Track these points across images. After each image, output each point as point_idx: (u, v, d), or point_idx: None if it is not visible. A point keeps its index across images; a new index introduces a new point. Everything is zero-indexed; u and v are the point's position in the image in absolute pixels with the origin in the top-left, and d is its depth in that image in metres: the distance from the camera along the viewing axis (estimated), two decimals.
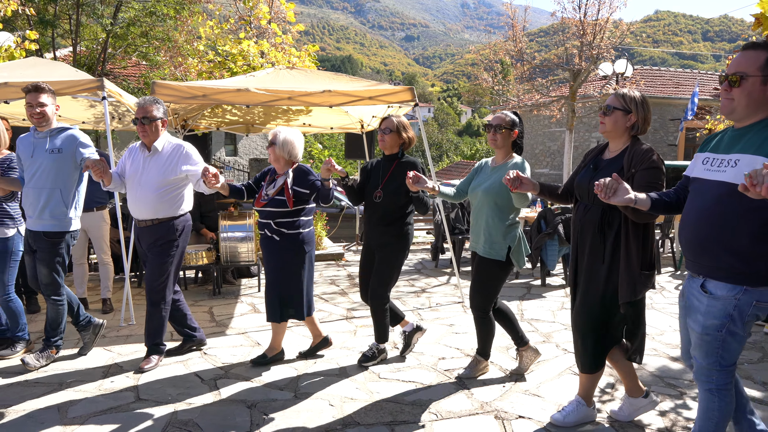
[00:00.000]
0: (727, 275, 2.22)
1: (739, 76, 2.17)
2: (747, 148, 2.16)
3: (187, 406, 3.37)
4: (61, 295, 4.00)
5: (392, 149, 3.94)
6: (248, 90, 5.28)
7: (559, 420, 3.12)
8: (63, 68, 5.71)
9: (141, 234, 3.98)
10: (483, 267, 3.57)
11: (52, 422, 3.15)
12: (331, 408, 3.35)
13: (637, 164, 2.72)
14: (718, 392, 2.34)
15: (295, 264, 3.96)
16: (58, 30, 13.58)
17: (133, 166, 3.94)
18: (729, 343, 2.27)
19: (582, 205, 2.95)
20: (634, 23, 14.22)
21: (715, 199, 2.22)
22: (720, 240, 2.21)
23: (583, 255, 2.92)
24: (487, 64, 15.42)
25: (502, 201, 3.47)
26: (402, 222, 3.90)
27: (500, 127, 3.54)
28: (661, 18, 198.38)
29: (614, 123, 2.83)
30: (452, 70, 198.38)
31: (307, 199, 3.97)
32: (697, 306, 2.33)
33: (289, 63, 9.12)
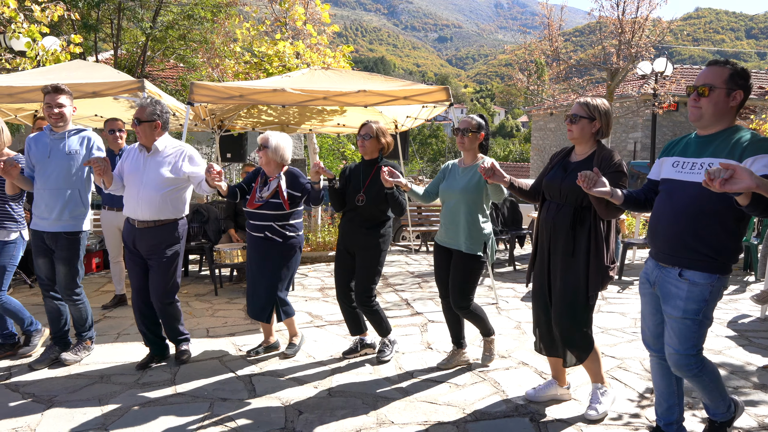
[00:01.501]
0: (704, 266, 2.48)
1: (707, 87, 2.45)
2: (718, 153, 2.45)
3: (223, 401, 3.42)
4: (79, 294, 4.02)
5: (372, 154, 4.04)
6: (284, 90, 5.34)
7: (594, 415, 3.18)
8: (105, 70, 5.88)
9: (140, 236, 3.83)
10: (465, 263, 3.74)
11: (93, 414, 3.24)
12: (364, 406, 3.35)
13: (607, 167, 2.97)
14: (702, 372, 2.58)
15: (293, 266, 4.14)
16: (100, 34, 13.97)
17: (133, 166, 3.87)
18: (703, 326, 2.55)
19: (553, 204, 3.17)
20: (674, 21, 13.87)
21: (691, 198, 2.47)
22: (697, 235, 2.47)
23: (556, 252, 3.13)
24: (521, 65, 15.25)
25: (478, 199, 3.73)
26: (384, 225, 4.04)
27: (467, 131, 3.76)
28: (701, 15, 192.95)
29: (581, 130, 3.09)
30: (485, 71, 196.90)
31: (299, 202, 4.07)
32: (676, 292, 2.55)
33: (324, 64, 9.18)
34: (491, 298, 5.99)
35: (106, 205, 5.55)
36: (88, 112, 6.99)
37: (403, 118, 8.08)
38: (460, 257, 3.75)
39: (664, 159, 2.71)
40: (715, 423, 2.79)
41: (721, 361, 4.13)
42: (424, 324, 5.10)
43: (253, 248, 4.10)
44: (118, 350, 4.33)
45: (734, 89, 2.46)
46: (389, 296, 6.19)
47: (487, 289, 6.46)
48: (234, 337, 4.69)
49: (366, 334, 4.29)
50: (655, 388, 2.87)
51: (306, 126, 8.86)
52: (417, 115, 7.50)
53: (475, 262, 3.75)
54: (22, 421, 3.15)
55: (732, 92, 2.46)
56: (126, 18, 13.31)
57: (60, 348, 4.10)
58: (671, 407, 2.82)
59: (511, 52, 17.50)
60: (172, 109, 6.10)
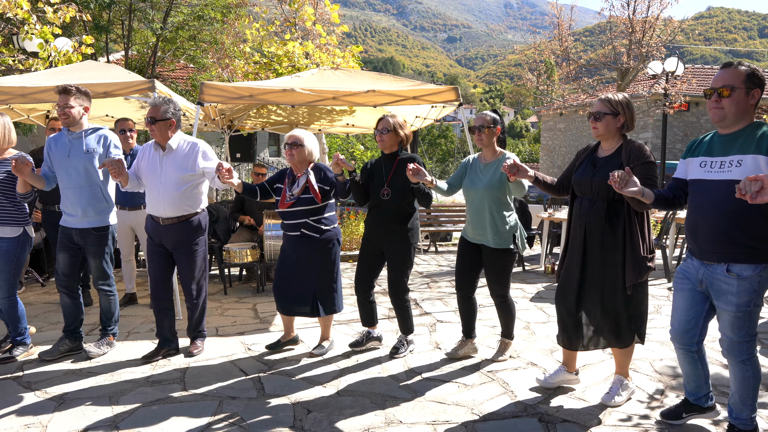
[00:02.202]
0: (749, 257, 2.58)
1: (728, 88, 2.57)
2: (745, 150, 2.56)
3: (232, 400, 3.43)
4: (111, 285, 4.17)
5: (392, 148, 4.04)
6: (293, 90, 5.35)
7: (611, 402, 3.31)
8: (116, 70, 5.92)
9: (165, 232, 3.98)
10: (496, 258, 3.83)
11: (103, 410, 3.26)
12: (373, 406, 3.35)
13: (635, 159, 3.05)
14: (750, 361, 2.70)
15: (334, 259, 4.12)
16: (111, 35, 14.07)
17: (150, 165, 3.99)
18: (755, 315, 2.67)
19: (585, 200, 3.23)
20: (686, 20, 13.77)
21: (726, 195, 2.55)
22: (741, 229, 2.57)
23: (593, 247, 3.19)
24: (531, 65, 15.20)
25: (502, 195, 3.77)
26: (412, 217, 4.05)
27: (483, 127, 3.78)
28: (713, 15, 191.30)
29: (606, 126, 3.17)
30: (495, 72, 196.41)
31: (329, 195, 4.08)
32: (727, 288, 2.65)
33: (333, 64, 9.20)
34: None
35: (118, 204, 5.57)
36: (100, 112, 7.05)
37: (412, 118, 8.08)
38: (490, 252, 3.84)
39: (690, 159, 2.82)
40: (735, 428, 2.83)
41: None
42: (432, 324, 5.09)
43: (291, 247, 4.12)
44: (128, 348, 4.36)
45: (752, 88, 2.59)
46: None
47: None
48: (243, 336, 4.71)
49: (375, 328, 4.35)
50: (683, 371, 3.04)
51: (315, 126, 8.88)
52: (426, 115, 7.49)
53: (505, 254, 3.83)
54: (33, 418, 3.18)
55: (751, 91, 2.59)
56: (137, 19, 13.39)
57: (70, 341, 4.17)
58: (699, 385, 2.99)
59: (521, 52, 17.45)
60: (183, 109, 6.13)
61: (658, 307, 5.69)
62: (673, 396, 3.48)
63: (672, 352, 4.30)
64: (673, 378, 3.78)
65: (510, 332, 4.12)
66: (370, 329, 4.35)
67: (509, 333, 4.12)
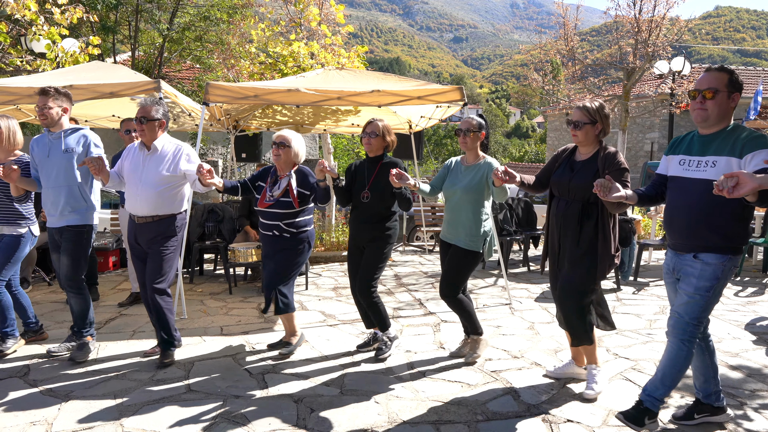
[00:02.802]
0: (716, 249, 2.76)
1: (712, 90, 2.72)
2: (720, 151, 2.72)
3: (236, 398, 3.45)
4: (80, 288, 4.10)
5: (377, 151, 4.10)
6: (298, 90, 5.36)
7: (592, 395, 3.43)
8: (122, 71, 5.95)
9: (140, 230, 4.00)
10: (462, 257, 3.90)
11: (109, 409, 3.28)
12: (376, 405, 3.36)
13: (609, 166, 3.25)
14: (688, 342, 2.85)
15: (302, 260, 4.17)
16: (118, 36, 14.15)
17: (133, 164, 4.02)
18: (710, 303, 2.82)
19: (562, 200, 3.42)
20: (693, 20, 13.70)
21: (700, 193, 2.74)
22: (710, 225, 2.75)
23: (566, 243, 3.39)
24: (537, 65, 15.16)
25: (480, 198, 3.88)
26: (389, 220, 4.09)
27: (469, 131, 3.91)
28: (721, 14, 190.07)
29: (585, 134, 3.33)
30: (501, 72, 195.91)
31: (308, 200, 4.12)
32: (691, 272, 2.82)
33: (338, 64, 9.21)
34: (505, 299, 5.97)
35: (123, 203, 5.61)
36: (106, 112, 7.08)
37: (417, 118, 8.08)
38: (458, 251, 3.91)
39: (671, 156, 2.98)
40: (642, 404, 2.94)
41: (738, 364, 4.07)
42: (437, 324, 5.09)
43: (265, 245, 4.21)
44: (133, 347, 4.38)
45: (734, 91, 2.75)
46: (402, 296, 6.19)
47: (500, 290, 6.43)
48: (248, 335, 4.73)
49: None
50: (692, 366, 3.05)
51: (320, 126, 8.89)
52: (431, 115, 7.49)
53: (470, 257, 3.90)
54: (39, 414, 3.20)
55: (732, 94, 2.74)
56: (143, 20, 13.46)
57: (76, 338, 4.22)
58: (707, 380, 3.04)
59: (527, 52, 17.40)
60: (188, 109, 6.16)
61: (664, 308, 5.67)
62: (678, 396, 3.47)
63: None
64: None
65: (475, 327, 4.11)
66: (375, 330, 4.36)
67: (475, 329, 4.11)
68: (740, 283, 7.00)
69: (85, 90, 5.01)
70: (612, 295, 6.27)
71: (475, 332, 4.13)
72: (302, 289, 6.46)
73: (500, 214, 7.88)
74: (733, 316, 5.39)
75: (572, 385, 3.67)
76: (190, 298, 5.90)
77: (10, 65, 7.95)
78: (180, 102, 5.72)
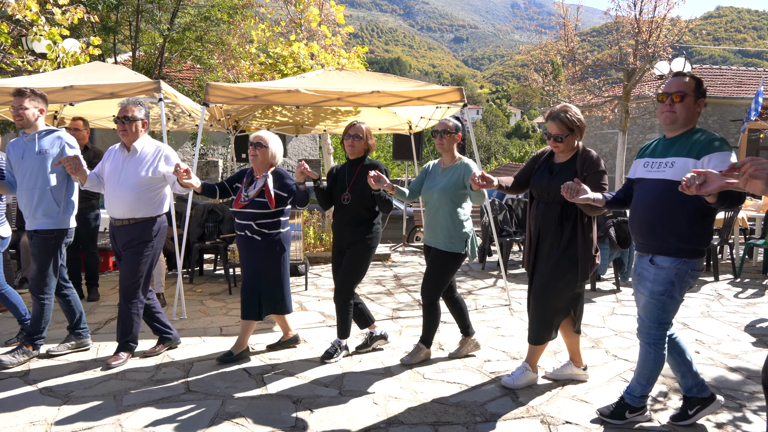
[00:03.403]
0: (670, 251, 2.86)
1: (681, 94, 2.85)
2: (680, 152, 2.84)
3: (235, 398, 3.45)
4: (43, 295, 3.99)
5: (359, 154, 4.12)
6: (298, 91, 5.37)
7: (509, 383, 3.62)
8: (123, 71, 5.96)
9: (117, 233, 3.99)
10: (441, 260, 3.93)
11: (108, 409, 3.29)
12: (375, 406, 3.36)
13: (588, 168, 3.33)
14: (654, 345, 2.98)
15: (276, 263, 4.10)
16: (119, 36, 14.14)
17: (112, 165, 4.00)
18: (668, 304, 2.92)
19: (542, 202, 3.49)
20: (693, 20, 13.69)
21: (658, 193, 2.87)
22: (664, 224, 2.85)
23: (544, 245, 3.45)
24: (537, 65, 15.15)
25: (457, 199, 3.90)
26: (370, 222, 4.08)
27: (445, 132, 3.95)
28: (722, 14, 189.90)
29: (567, 144, 3.41)
30: (501, 72, 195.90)
31: (285, 201, 4.08)
32: (647, 275, 2.95)
33: (338, 64, 9.21)
34: (504, 300, 5.97)
35: None
36: (106, 113, 7.09)
37: (417, 119, 8.08)
38: (437, 253, 3.94)
39: (638, 160, 3.11)
40: (622, 401, 3.14)
41: (738, 366, 4.07)
42: None
43: (239, 246, 4.17)
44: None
45: (699, 96, 2.89)
46: (402, 296, 6.20)
47: (500, 291, 6.44)
48: None
49: (374, 327, 4.38)
50: (669, 365, 3.16)
51: (320, 127, 8.90)
52: (431, 116, 7.49)
53: (450, 259, 3.92)
54: (39, 415, 3.21)
55: (698, 99, 2.89)
56: (144, 20, 13.45)
57: (74, 337, 4.25)
58: (684, 375, 3.12)
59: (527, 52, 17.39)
60: (188, 110, 6.17)
61: None
62: (677, 399, 3.47)
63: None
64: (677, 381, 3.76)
65: (429, 340, 4.12)
66: (370, 329, 4.37)
67: (428, 340, 4.12)
68: (740, 284, 7.00)
69: (86, 90, 5.02)
70: (611, 296, 6.27)
71: (425, 342, 4.13)
72: (302, 290, 6.47)
73: (500, 215, 7.88)
74: (732, 317, 5.39)
75: (571, 386, 3.67)
76: (189, 298, 5.91)
77: (11, 65, 7.95)
78: (180, 102, 5.73)
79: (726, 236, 7.66)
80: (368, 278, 7.12)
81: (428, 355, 4.15)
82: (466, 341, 4.25)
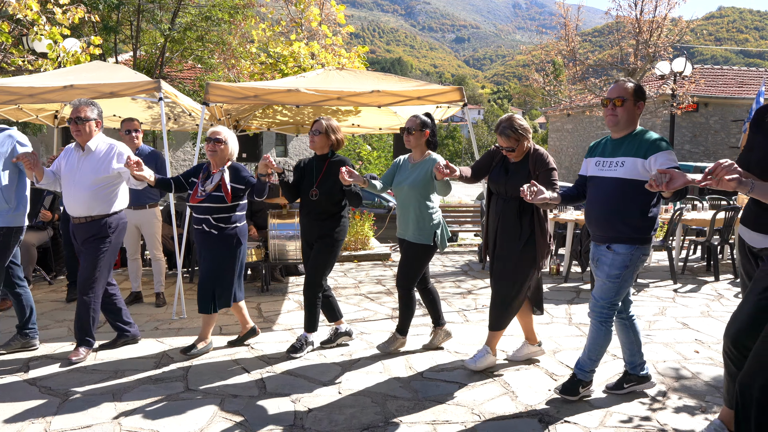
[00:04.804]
0: (625, 240, 3.17)
1: (621, 99, 3.14)
2: (628, 153, 3.15)
3: (233, 398, 3.46)
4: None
5: (323, 150, 4.20)
6: (298, 90, 5.37)
7: (471, 364, 3.87)
8: (123, 71, 5.96)
9: (76, 230, 4.07)
10: (413, 251, 4.09)
11: (107, 407, 3.29)
12: (373, 405, 3.36)
13: (539, 167, 3.66)
14: (605, 323, 3.31)
15: (232, 257, 4.13)
16: (120, 36, 14.18)
17: (68, 165, 4.07)
18: (622, 288, 3.24)
19: (500, 198, 3.79)
20: (695, 20, 13.69)
21: (613, 190, 3.18)
22: (619, 217, 3.16)
23: (504, 235, 3.74)
24: (538, 65, 15.15)
25: (426, 193, 4.04)
26: (338, 216, 4.20)
27: (412, 129, 4.05)
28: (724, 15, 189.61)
29: (518, 152, 3.74)
30: (503, 72, 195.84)
31: (242, 195, 4.12)
32: (605, 260, 3.25)
33: (338, 64, 9.22)
34: None
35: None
36: (107, 112, 7.09)
37: None
38: (408, 245, 4.10)
39: (589, 159, 3.40)
40: (574, 377, 3.42)
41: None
42: None
43: (197, 242, 4.19)
44: (132, 347, 4.39)
45: (638, 100, 3.18)
46: None
47: None
48: None
49: (341, 322, 4.46)
50: (620, 342, 3.55)
51: None
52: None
53: (421, 250, 4.07)
54: (38, 413, 3.21)
55: (637, 102, 3.18)
56: (145, 20, 13.48)
57: (20, 337, 4.23)
58: (633, 353, 3.49)
59: (528, 52, 17.38)
60: (188, 109, 6.17)
61: (663, 309, 5.67)
62: (675, 398, 3.47)
63: (676, 354, 4.30)
64: (676, 380, 3.77)
65: (405, 329, 4.27)
66: (337, 325, 4.46)
67: (404, 329, 4.27)
68: (740, 284, 6.97)
69: (86, 90, 5.02)
70: None
71: (402, 332, 4.27)
72: (301, 289, 6.46)
73: None
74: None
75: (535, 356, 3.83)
76: (189, 297, 5.91)
77: (12, 65, 7.98)
78: (180, 102, 5.74)
79: (726, 236, 7.65)
80: (368, 278, 7.13)
81: (403, 344, 4.30)
82: (438, 331, 4.36)
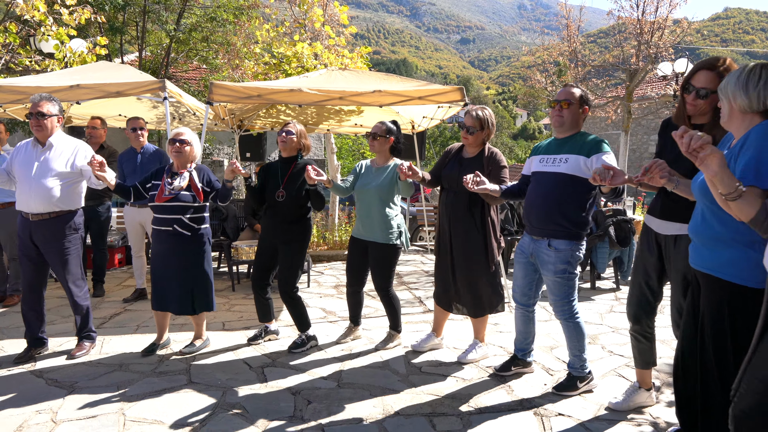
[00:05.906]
0: (565, 235, 3.33)
1: (568, 101, 3.35)
2: (572, 151, 3.33)
3: (235, 390, 3.53)
4: None
5: (291, 152, 4.28)
6: (301, 90, 5.44)
7: (463, 357, 4.05)
8: (129, 71, 6.05)
9: (35, 228, 3.93)
10: (383, 253, 4.22)
11: (111, 399, 3.38)
12: (372, 398, 3.43)
13: (492, 163, 3.88)
14: (572, 319, 3.46)
15: (204, 258, 4.12)
16: (125, 36, 14.29)
17: (25, 161, 3.96)
18: (571, 280, 3.40)
19: (452, 192, 3.95)
20: (698, 21, 13.70)
21: (555, 184, 3.34)
22: (559, 212, 3.32)
23: (457, 229, 3.92)
24: (541, 66, 15.18)
25: (390, 196, 4.20)
26: (304, 219, 4.27)
27: (377, 135, 4.20)
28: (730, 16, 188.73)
29: (476, 139, 3.92)
30: (508, 73, 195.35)
31: (208, 197, 4.08)
32: (548, 259, 3.39)
33: (341, 65, 9.29)
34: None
35: (129, 202, 5.71)
36: (113, 111, 7.20)
37: (420, 119, 8.14)
38: (377, 247, 4.21)
39: (533, 158, 3.58)
40: (570, 375, 3.54)
41: None
42: None
43: (158, 242, 4.05)
44: (136, 341, 4.48)
45: (583, 105, 3.39)
46: (403, 294, 6.26)
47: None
48: (249, 330, 4.81)
49: (272, 323, 4.57)
50: (517, 330, 3.79)
51: (324, 126, 8.97)
52: (433, 116, 7.55)
53: (390, 250, 4.22)
54: (44, 404, 3.30)
55: (582, 106, 3.39)
56: (151, 21, 13.59)
57: None
58: (527, 342, 3.78)
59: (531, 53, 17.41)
60: (192, 109, 6.26)
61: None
62: (669, 392, 3.52)
63: (672, 350, 4.34)
64: (671, 375, 3.81)
65: (397, 325, 4.43)
66: (267, 324, 4.54)
67: (396, 326, 4.43)
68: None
69: (92, 89, 5.11)
70: (611, 294, 6.32)
71: (395, 328, 4.44)
72: (304, 287, 6.55)
73: (501, 214, 7.93)
74: None
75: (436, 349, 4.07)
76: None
77: (20, 65, 8.07)
78: (185, 101, 5.82)
79: None
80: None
81: (397, 338, 4.46)
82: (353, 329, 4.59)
